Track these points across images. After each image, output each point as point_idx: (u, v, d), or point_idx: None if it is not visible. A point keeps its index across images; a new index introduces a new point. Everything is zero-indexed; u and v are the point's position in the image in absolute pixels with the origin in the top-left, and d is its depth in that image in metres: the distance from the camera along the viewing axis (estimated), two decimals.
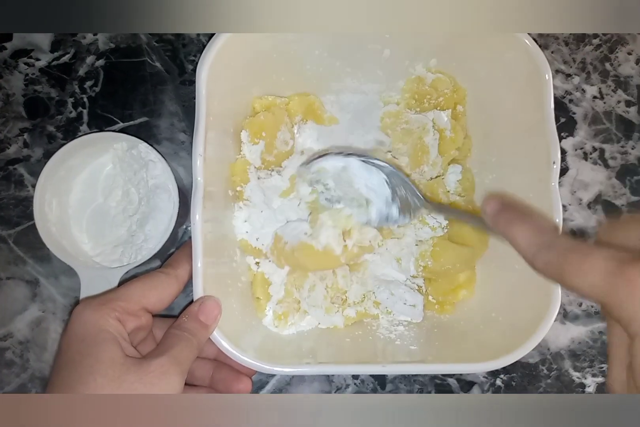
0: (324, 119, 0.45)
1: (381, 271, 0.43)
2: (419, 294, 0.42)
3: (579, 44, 0.51)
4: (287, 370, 0.34)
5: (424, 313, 0.42)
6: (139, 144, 0.43)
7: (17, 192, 0.48)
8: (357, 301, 0.42)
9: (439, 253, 0.42)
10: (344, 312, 0.42)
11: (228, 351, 0.34)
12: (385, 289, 0.42)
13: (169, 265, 0.36)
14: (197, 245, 0.34)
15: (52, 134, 0.48)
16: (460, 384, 0.46)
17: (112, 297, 0.33)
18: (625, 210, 0.49)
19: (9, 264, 0.47)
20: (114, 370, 0.29)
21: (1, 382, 0.45)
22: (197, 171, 0.34)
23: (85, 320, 0.31)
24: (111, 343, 0.30)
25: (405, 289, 0.42)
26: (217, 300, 0.34)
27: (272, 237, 0.41)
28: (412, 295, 0.42)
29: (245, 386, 0.36)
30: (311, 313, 0.41)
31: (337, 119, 0.46)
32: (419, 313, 0.42)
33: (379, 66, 0.44)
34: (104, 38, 0.49)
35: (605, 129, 0.50)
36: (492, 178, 0.43)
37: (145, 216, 0.43)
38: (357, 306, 0.42)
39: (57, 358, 0.31)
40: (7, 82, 0.49)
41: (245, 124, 0.42)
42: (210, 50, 0.35)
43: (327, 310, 0.41)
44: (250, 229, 0.41)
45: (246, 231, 0.41)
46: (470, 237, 0.42)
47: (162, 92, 0.49)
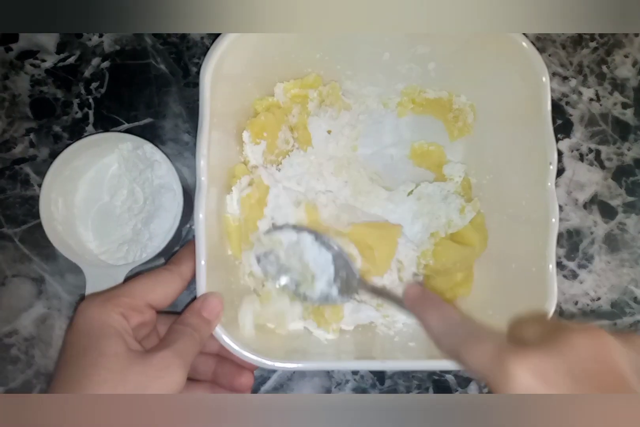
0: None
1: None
2: None
3: (575, 47, 0.52)
4: (288, 365, 0.35)
5: None
6: (144, 145, 0.44)
7: (23, 191, 0.48)
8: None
9: (440, 252, 0.43)
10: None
11: (230, 346, 0.34)
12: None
13: (172, 262, 0.37)
14: (200, 243, 0.34)
15: (58, 134, 0.49)
16: (458, 380, 0.47)
17: (116, 293, 0.33)
18: (621, 211, 0.50)
19: (15, 262, 0.47)
20: (118, 363, 0.29)
21: (6, 379, 0.46)
22: (201, 171, 0.35)
23: (89, 315, 0.32)
24: (115, 338, 0.30)
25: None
26: (220, 296, 0.35)
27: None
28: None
29: (248, 380, 0.37)
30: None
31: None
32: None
33: (378, 69, 0.44)
34: (109, 40, 0.50)
35: (602, 130, 0.51)
36: (489, 179, 0.44)
37: (150, 215, 0.44)
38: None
39: (62, 353, 0.31)
40: (14, 83, 0.50)
41: (247, 124, 0.42)
42: (214, 53, 0.36)
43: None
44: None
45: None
46: (471, 237, 0.43)
47: (167, 94, 0.50)
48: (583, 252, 0.50)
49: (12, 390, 0.46)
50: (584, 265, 0.49)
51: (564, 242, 0.50)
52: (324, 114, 0.44)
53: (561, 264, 0.49)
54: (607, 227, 0.50)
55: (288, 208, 0.41)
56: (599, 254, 0.50)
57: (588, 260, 0.50)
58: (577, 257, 0.49)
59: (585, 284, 0.49)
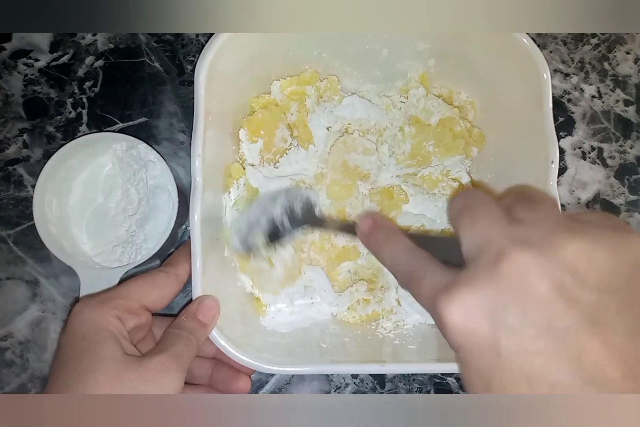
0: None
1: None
2: None
3: (577, 43, 0.51)
4: (286, 369, 0.35)
5: None
6: (138, 145, 0.43)
7: (16, 193, 0.48)
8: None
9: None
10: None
11: (227, 350, 0.34)
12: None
13: (168, 264, 0.37)
14: (195, 245, 0.34)
15: (52, 135, 0.48)
16: (460, 383, 0.47)
17: (112, 295, 0.33)
18: (624, 210, 0.50)
19: (9, 264, 0.47)
20: (115, 368, 0.29)
21: (1, 382, 0.45)
22: (196, 172, 0.35)
23: (85, 318, 0.31)
24: (111, 341, 0.30)
25: None
26: (216, 299, 0.34)
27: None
28: None
29: (245, 385, 0.36)
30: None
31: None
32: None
33: (377, 66, 0.44)
34: (103, 38, 0.50)
35: (604, 128, 0.51)
36: (490, 177, 0.43)
37: (144, 216, 0.43)
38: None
39: (57, 356, 0.31)
40: (6, 83, 0.49)
41: (244, 122, 0.42)
42: (209, 50, 0.35)
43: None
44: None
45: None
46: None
47: (161, 93, 0.49)
48: None
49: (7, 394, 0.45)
50: None
51: None
52: (322, 111, 0.44)
53: None
54: None
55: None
56: None
57: None
58: None
59: None
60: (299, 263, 0.42)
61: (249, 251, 0.39)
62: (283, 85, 0.43)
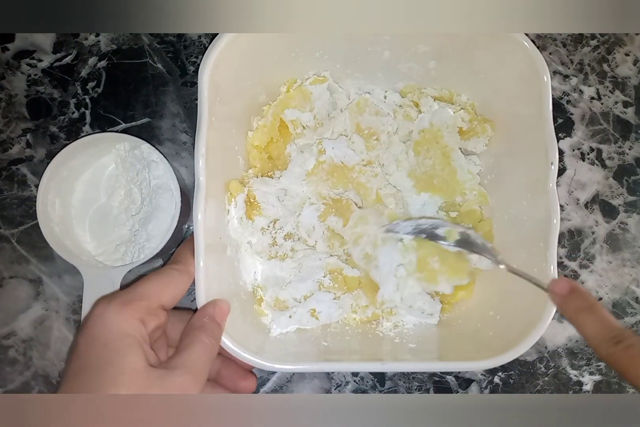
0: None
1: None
2: (438, 303, 0.42)
3: (576, 45, 0.52)
4: (288, 367, 0.35)
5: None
6: (141, 145, 0.43)
7: (20, 192, 0.48)
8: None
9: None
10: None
11: (230, 348, 0.34)
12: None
13: (178, 261, 0.36)
14: (199, 244, 0.34)
15: (55, 135, 0.49)
16: (459, 381, 0.47)
17: (132, 296, 0.32)
18: (623, 210, 0.50)
19: (12, 263, 0.47)
20: (137, 383, 0.28)
21: (4, 380, 0.46)
22: (200, 171, 0.35)
23: (107, 322, 0.30)
24: (135, 351, 0.29)
25: (424, 300, 0.42)
26: (227, 302, 0.35)
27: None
28: (430, 304, 0.42)
29: (251, 383, 0.36)
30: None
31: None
32: (435, 319, 0.42)
33: (379, 68, 0.44)
34: (106, 39, 0.50)
35: (603, 129, 0.51)
36: (490, 178, 0.43)
37: (147, 216, 0.44)
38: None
39: (75, 360, 0.29)
40: (10, 83, 0.49)
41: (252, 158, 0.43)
42: (212, 51, 0.36)
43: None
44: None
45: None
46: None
47: (164, 93, 0.49)
48: (584, 252, 0.49)
49: (10, 392, 0.46)
50: (586, 265, 0.49)
51: (565, 242, 0.49)
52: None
53: (562, 264, 0.49)
54: (609, 226, 0.50)
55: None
56: (601, 254, 0.49)
57: (589, 260, 0.49)
58: (579, 257, 0.49)
59: (586, 284, 0.49)
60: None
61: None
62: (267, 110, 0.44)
